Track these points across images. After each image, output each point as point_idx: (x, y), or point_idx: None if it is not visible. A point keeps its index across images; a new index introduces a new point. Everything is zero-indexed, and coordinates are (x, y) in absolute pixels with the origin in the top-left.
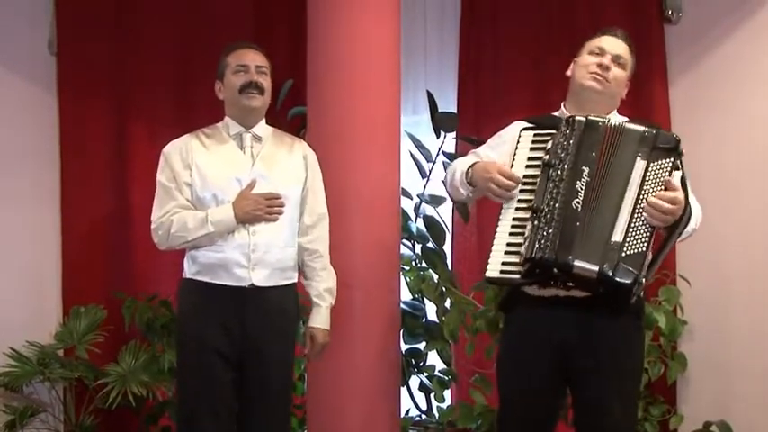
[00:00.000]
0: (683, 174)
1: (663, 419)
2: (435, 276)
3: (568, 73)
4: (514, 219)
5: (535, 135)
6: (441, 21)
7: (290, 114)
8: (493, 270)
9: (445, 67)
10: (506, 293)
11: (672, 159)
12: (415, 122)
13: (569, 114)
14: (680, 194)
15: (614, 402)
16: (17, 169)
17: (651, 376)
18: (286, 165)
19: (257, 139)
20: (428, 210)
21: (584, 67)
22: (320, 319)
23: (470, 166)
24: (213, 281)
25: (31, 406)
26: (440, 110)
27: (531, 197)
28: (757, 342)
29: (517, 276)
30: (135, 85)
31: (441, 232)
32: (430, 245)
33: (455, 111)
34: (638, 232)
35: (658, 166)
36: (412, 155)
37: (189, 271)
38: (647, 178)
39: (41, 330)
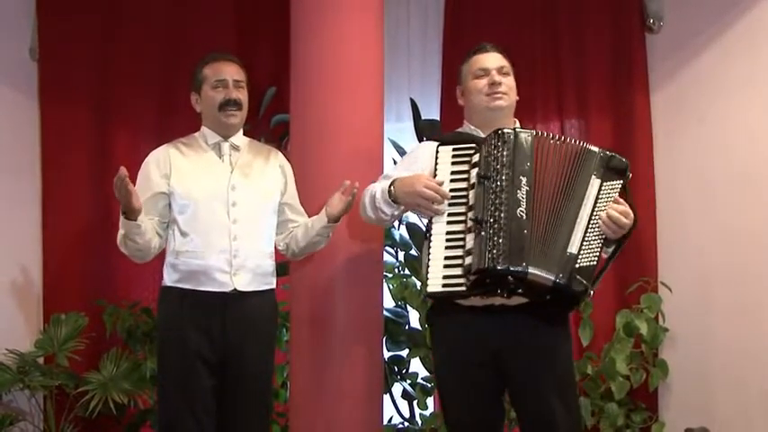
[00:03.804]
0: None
1: (644, 426)
2: (418, 284)
3: (461, 102)
4: (448, 233)
5: (454, 150)
6: (424, 29)
7: (273, 122)
8: (434, 285)
9: (428, 74)
10: (433, 306)
11: (622, 181)
12: (399, 130)
13: (475, 129)
14: (629, 210)
15: (555, 407)
16: None
17: (633, 383)
18: (264, 173)
19: (235, 147)
20: (411, 217)
21: (477, 92)
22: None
23: (391, 184)
24: (195, 288)
25: (10, 414)
26: (423, 117)
27: (461, 210)
28: (738, 349)
29: (462, 288)
30: (117, 91)
31: (423, 239)
32: (413, 252)
33: (438, 118)
34: (590, 246)
35: (611, 186)
36: (395, 162)
37: (169, 279)
38: (600, 196)
39: (21, 338)
